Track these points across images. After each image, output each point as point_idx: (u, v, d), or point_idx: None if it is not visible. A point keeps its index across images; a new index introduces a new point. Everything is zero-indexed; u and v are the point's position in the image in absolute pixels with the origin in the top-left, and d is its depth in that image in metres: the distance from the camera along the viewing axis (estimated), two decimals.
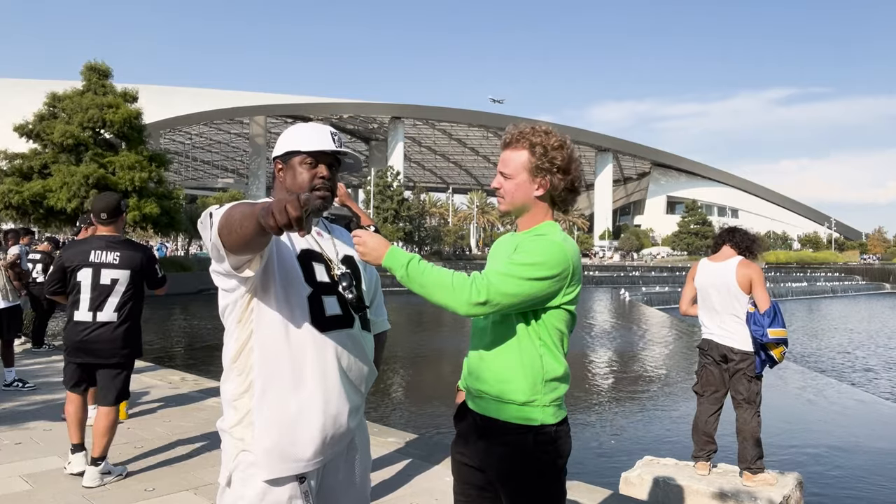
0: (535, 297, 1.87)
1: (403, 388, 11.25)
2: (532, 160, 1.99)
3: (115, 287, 4.10)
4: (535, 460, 1.92)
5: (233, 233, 1.57)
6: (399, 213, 65.68)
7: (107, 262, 4.11)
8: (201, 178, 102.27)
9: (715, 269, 4.62)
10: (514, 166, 2.01)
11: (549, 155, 1.98)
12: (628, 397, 10.67)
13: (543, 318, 1.94)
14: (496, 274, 1.85)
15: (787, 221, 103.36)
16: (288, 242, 1.85)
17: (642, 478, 4.62)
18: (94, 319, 4.07)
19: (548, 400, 1.93)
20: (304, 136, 1.91)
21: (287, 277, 1.80)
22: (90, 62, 30.94)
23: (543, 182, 1.99)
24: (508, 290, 1.83)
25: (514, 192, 2.02)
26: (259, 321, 1.79)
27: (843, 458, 7.33)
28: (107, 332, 4.08)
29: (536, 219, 2.04)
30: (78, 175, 28.06)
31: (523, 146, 2.00)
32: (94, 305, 4.07)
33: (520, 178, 2.00)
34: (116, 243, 4.18)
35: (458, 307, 1.82)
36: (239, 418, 1.81)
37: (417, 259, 1.85)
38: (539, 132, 2.01)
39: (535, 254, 1.88)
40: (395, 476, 4.31)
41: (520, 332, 1.94)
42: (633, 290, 35.88)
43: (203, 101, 74.69)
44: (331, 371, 1.83)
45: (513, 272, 1.85)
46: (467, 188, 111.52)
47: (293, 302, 1.80)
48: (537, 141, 1.99)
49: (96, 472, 4.06)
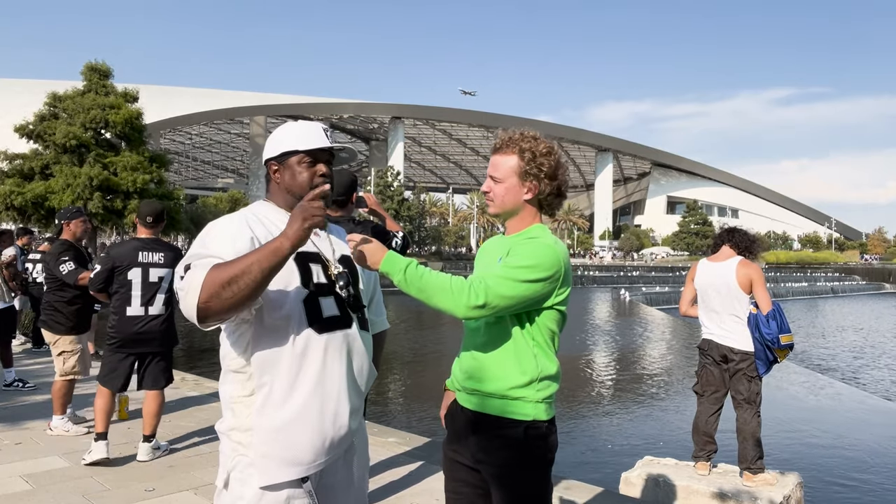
0: (530, 299, 1.93)
1: (403, 388, 11.25)
2: (521, 165, 2.05)
3: (161, 284, 4.58)
4: (526, 453, 1.98)
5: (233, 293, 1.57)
6: (399, 213, 65.67)
7: (153, 261, 4.59)
8: (201, 178, 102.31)
9: (715, 269, 4.62)
10: (503, 170, 2.08)
11: (538, 161, 2.04)
12: (628, 397, 10.66)
13: (537, 318, 2.00)
14: (493, 277, 1.90)
15: (787, 221, 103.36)
16: None
17: (642, 478, 4.61)
18: (146, 313, 4.54)
19: (541, 397, 1.99)
20: (299, 135, 1.89)
21: (284, 282, 1.79)
22: (91, 62, 30.94)
23: (532, 186, 2.06)
24: (505, 292, 1.88)
25: (503, 196, 2.08)
26: (258, 325, 1.79)
27: (843, 458, 7.33)
28: (157, 324, 4.58)
29: (525, 221, 2.10)
30: (82, 176, 28.05)
31: (513, 151, 2.07)
32: (146, 301, 4.53)
33: (509, 181, 2.07)
34: (158, 244, 4.68)
35: (456, 310, 1.86)
36: (237, 421, 1.80)
37: (415, 264, 1.88)
38: (528, 138, 2.07)
39: (530, 256, 1.94)
40: (396, 476, 4.31)
41: (514, 333, 2.00)
42: (633, 290, 35.87)
43: (203, 101, 74.76)
44: (330, 373, 1.82)
45: (509, 275, 1.90)
46: (467, 188, 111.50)
47: (290, 305, 1.79)
48: (526, 146, 2.05)
49: (149, 447, 4.63)
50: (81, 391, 6.08)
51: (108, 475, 4.28)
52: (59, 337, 5.21)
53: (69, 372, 5.20)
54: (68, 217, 5.33)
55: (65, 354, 5.21)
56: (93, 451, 4.41)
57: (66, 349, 5.21)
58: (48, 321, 5.26)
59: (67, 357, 5.21)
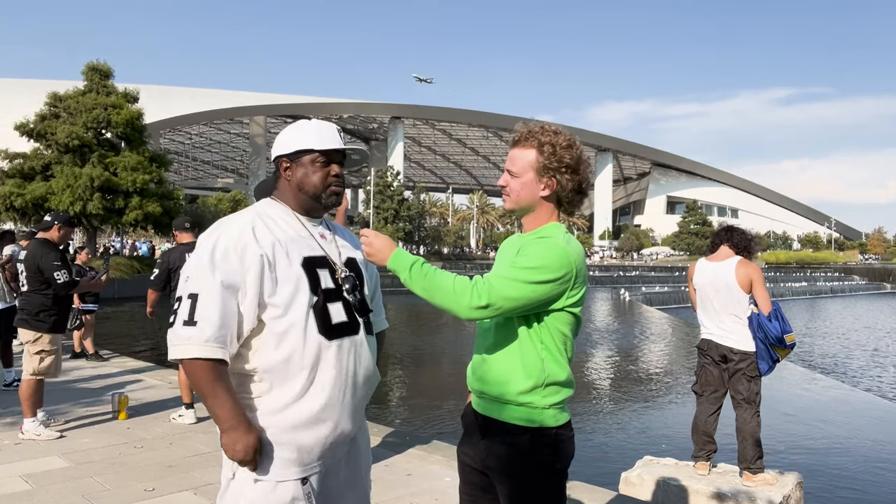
0: (537, 301, 1.86)
1: (403, 387, 11.25)
2: (540, 159, 1.96)
3: None
4: (532, 461, 1.91)
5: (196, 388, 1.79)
6: (399, 213, 65.68)
7: None
8: (201, 178, 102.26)
9: (714, 268, 4.61)
10: (521, 165, 1.99)
11: (558, 154, 1.95)
12: (628, 397, 10.66)
13: (546, 320, 1.92)
14: (498, 277, 1.84)
15: (787, 221, 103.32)
16: (289, 253, 1.82)
17: (642, 478, 4.61)
18: None
19: (548, 403, 1.91)
20: (314, 134, 1.88)
21: (293, 288, 1.79)
22: (91, 62, 30.98)
23: (550, 182, 1.97)
24: (510, 293, 1.82)
25: (519, 191, 1.99)
26: (266, 331, 1.79)
27: (843, 458, 7.33)
28: None
29: (541, 219, 2.01)
30: (83, 177, 28.03)
31: (532, 145, 1.97)
32: None
33: (526, 176, 1.98)
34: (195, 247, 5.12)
35: (458, 311, 1.82)
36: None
37: (421, 262, 1.85)
38: (548, 131, 1.98)
39: (537, 257, 1.86)
40: (396, 476, 4.31)
41: (521, 335, 1.92)
42: (633, 290, 35.86)
43: (203, 101, 74.72)
44: (337, 378, 1.82)
45: (514, 275, 1.84)
46: (467, 188, 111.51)
47: (299, 312, 1.79)
48: (546, 140, 1.96)
49: (193, 413, 5.60)
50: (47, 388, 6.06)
51: (108, 475, 4.28)
52: (40, 335, 5.17)
53: (42, 371, 5.15)
54: (63, 222, 5.31)
55: (43, 353, 5.16)
56: (184, 416, 5.59)
57: (45, 348, 5.17)
58: (29, 320, 5.18)
59: (45, 356, 5.16)
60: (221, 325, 1.72)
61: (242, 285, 1.75)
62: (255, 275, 1.75)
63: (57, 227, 5.27)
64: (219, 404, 1.72)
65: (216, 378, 1.72)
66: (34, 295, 5.20)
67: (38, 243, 5.23)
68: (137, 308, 22.01)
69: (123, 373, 7.95)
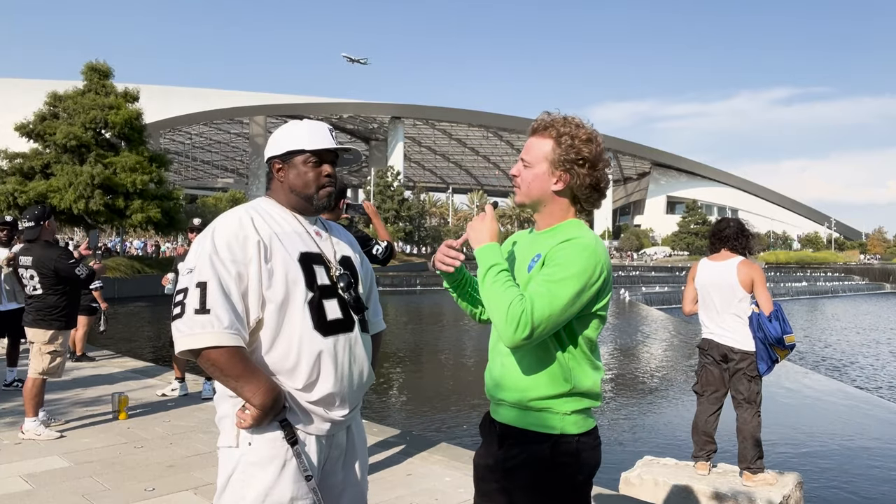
0: (577, 310, 1.77)
1: (403, 387, 11.25)
2: (556, 151, 1.85)
3: None
4: (552, 471, 1.80)
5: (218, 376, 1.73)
6: (399, 213, 65.72)
7: None
8: (201, 178, 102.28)
9: (715, 268, 4.61)
10: (535, 154, 1.88)
11: (576, 147, 1.83)
12: (628, 397, 10.67)
13: (574, 324, 1.81)
14: (537, 297, 1.71)
15: (787, 221, 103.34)
16: (286, 247, 1.83)
17: (642, 478, 4.61)
18: None
19: (569, 409, 1.82)
20: (305, 135, 1.89)
21: (288, 284, 1.79)
22: (91, 62, 30.99)
23: (564, 176, 1.86)
24: (551, 313, 1.71)
25: (530, 183, 1.89)
26: (263, 328, 1.79)
27: (842, 458, 7.33)
28: None
29: (555, 216, 1.90)
30: (84, 175, 28.07)
31: (550, 135, 1.87)
32: None
33: (539, 167, 1.88)
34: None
35: (504, 339, 1.74)
36: (236, 433, 1.80)
37: (499, 269, 1.77)
38: (570, 123, 1.87)
39: (570, 264, 1.74)
40: (395, 476, 4.31)
41: (546, 340, 1.80)
42: (633, 289, 35.86)
43: (203, 101, 74.70)
44: (331, 376, 1.83)
45: (552, 291, 1.71)
46: (467, 188, 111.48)
47: (295, 308, 1.80)
48: (566, 131, 1.85)
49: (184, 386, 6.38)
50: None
51: (108, 475, 4.28)
52: (52, 332, 5.16)
53: (51, 371, 5.15)
54: (46, 217, 5.30)
55: (54, 353, 5.16)
56: (177, 389, 6.27)
57: (57, 349, 5.17)
58: (46, 319, 5.15)
59: (56, 356, 5.16)
60: (235, 312, 1.71)
61: (246, 275, 1.75)
62: (256, 266, 1.76)
63: (45, 224, 5.26)
64: (255, 379, 1.72)
65: (242, 360, 1.71)
66: (50, 296, 5.18)
67: (43, 246, 5.22)
68: (137, 308, 22.02)
69: (123, 373, 7.95)
